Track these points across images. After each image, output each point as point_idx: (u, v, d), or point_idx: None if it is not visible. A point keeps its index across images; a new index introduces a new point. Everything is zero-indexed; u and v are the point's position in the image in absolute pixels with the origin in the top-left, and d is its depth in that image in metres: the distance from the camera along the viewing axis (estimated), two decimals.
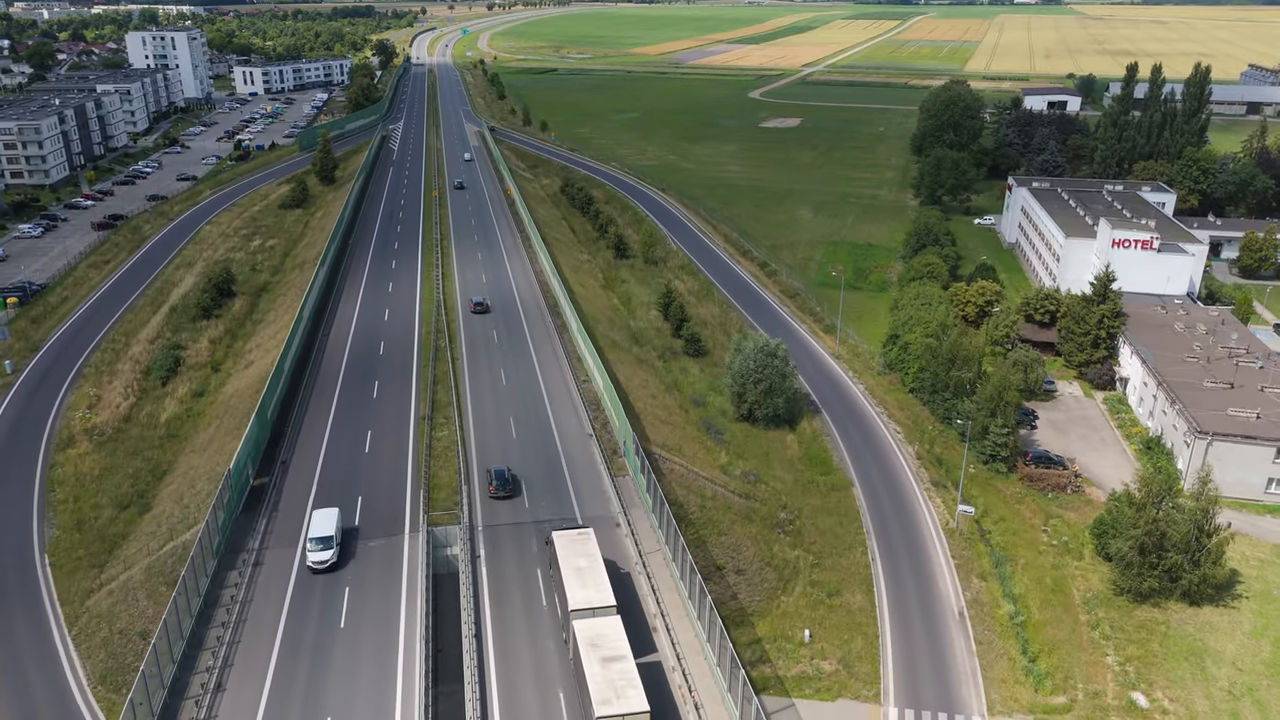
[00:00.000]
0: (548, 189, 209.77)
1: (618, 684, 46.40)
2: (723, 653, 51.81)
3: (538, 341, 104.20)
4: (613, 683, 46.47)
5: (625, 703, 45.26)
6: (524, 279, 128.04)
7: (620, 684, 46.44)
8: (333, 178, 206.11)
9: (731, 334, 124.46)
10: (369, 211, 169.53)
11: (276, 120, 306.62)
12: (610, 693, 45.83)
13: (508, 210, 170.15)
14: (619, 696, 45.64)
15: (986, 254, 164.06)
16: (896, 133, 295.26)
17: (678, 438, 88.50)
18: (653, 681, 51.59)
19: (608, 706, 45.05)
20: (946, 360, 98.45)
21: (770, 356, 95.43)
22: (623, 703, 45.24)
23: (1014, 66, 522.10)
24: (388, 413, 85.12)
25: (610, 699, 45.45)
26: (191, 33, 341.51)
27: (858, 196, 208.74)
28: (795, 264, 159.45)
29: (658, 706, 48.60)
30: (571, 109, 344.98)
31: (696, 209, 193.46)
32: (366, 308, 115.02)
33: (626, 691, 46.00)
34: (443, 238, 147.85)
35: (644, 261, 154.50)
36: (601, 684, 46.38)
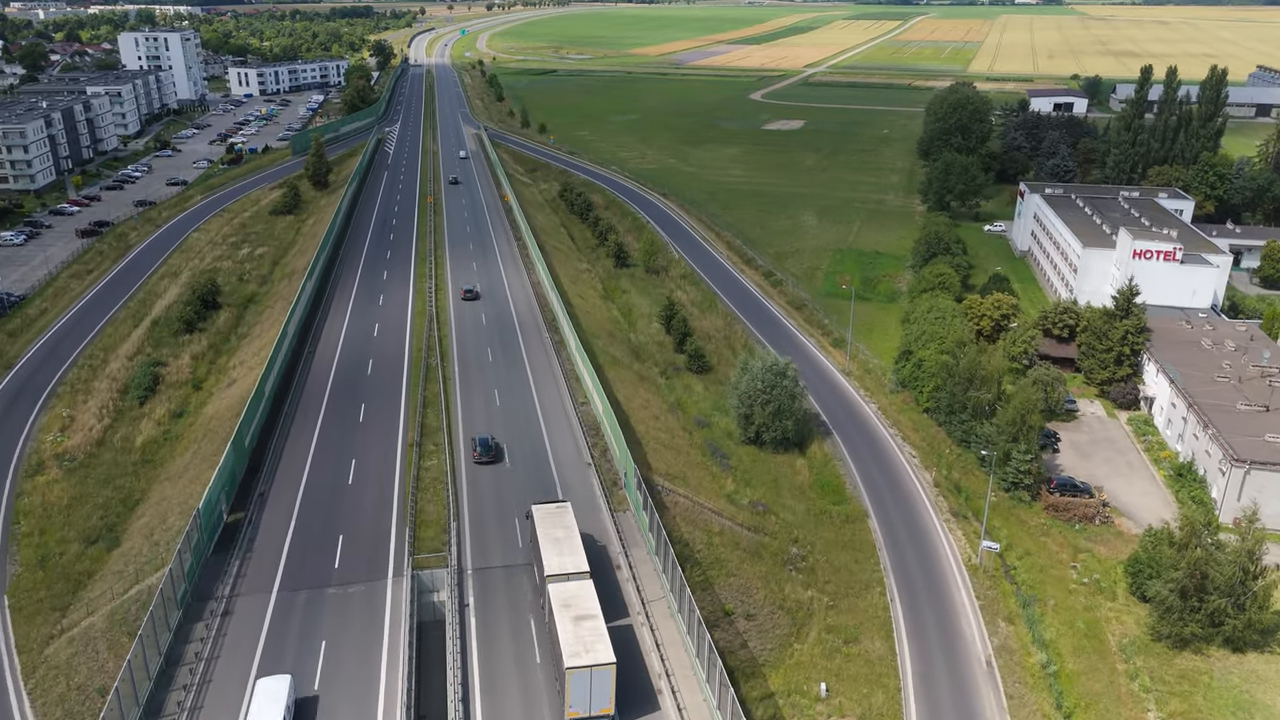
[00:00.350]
0: (546, 194, 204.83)
1: (587, 639, 50.06)
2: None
3: (534, 359, 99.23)
4: (583, 638, 50.10)
5: (593, 655, 48.90)
6: (521, 291, 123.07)
7: (590, 639, 50.06)
8: (326, 182, 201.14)
9: (736, 348, 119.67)
10: (361, 219, 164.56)
11: (271, 122, 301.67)
12: (580, 647, 49.48)
13: (504, 217, 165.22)
14: (588, 650, 49.22)
15: (998, 262, 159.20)
16: (901, 135, 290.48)
17: (681, 464, 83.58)
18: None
19: (577, 659, 48.75)
20: (964, 380, 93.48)
21: (779, 377, 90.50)
22: (591, 655, 48.89)
23: (1017, 67, 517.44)
24: (374, 439, 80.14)
25: (580, 652, 49.09)
26: (185, 33, 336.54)
27: (863, 201, 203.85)
28: (801, 273, 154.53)
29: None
30: (571, 111, 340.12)
31: (698, 215, 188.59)
32: (355, 322, 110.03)
33: (595, 645, 49.64)
34: (436, 247, 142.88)
35: (645, 270, 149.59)
36: (572, 639, 50.02)
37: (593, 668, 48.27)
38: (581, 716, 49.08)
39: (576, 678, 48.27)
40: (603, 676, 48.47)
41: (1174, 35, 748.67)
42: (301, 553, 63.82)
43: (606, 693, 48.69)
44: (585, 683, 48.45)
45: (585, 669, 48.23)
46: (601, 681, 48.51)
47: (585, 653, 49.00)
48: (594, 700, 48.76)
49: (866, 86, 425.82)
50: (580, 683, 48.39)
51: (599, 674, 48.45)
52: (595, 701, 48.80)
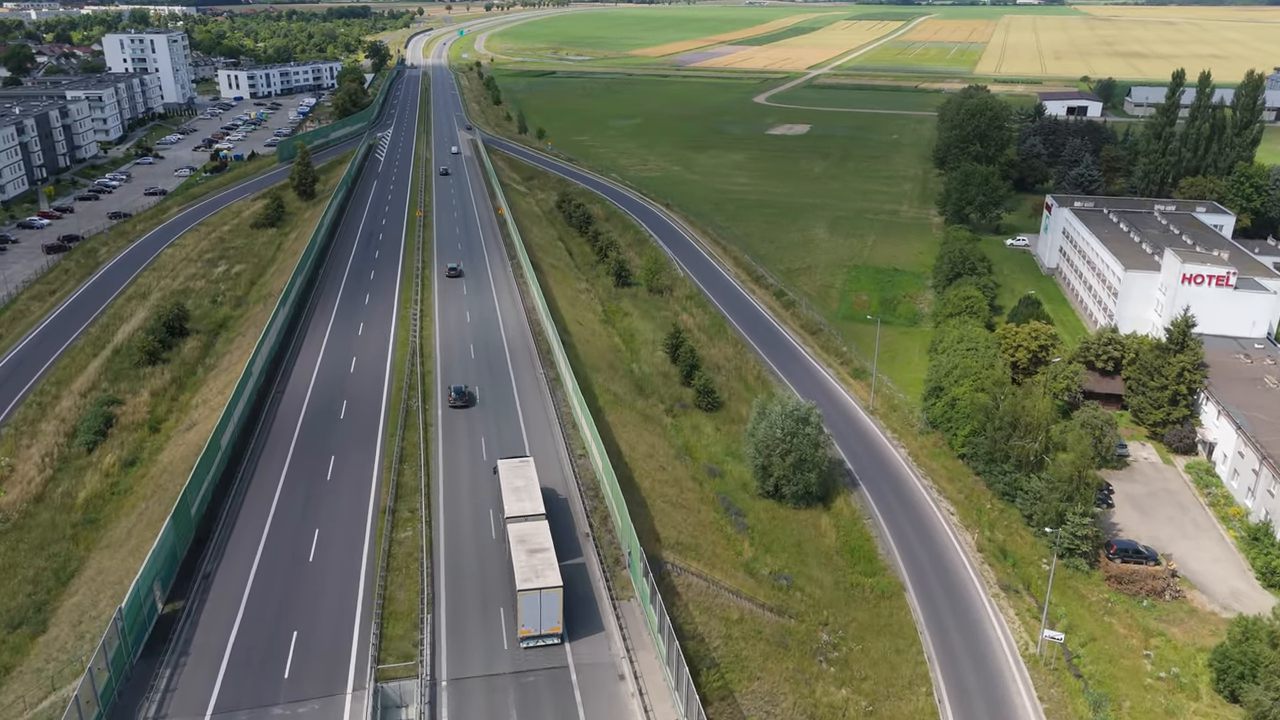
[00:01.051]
0: (543, 204, 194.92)
1: (538, 567, 55.34)
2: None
3: (527, 401, 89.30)
4: (535, 567, 55.39)
5: (543, 580, 54.21)
6: (514, 317, 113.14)
7: (541, 568, 55.34)
8: (312, 192, 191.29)
9: (748, 380, 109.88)
10: (346, 234, 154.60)
11: (259, 127, 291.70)
12: (531, 573, 54.81)
13: (498, 232, 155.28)
14: (538, 576, 54.57)
15: (1023, 280, 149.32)
16: (911, 140, 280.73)
17: (692, 526, 73.74)
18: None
19: (528, 583, 53.91)
20: (1006, 425, 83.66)
21: (800, 424, 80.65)
22: (541, 580, 54.20)
23: (1025, 69, 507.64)
24: (342, 502, 70.25)
25: (531, 578, 54.38)
26: (172, 35, 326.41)
27: (876, 212, 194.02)
28: (814, 292, 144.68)
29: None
30: (570, 114, 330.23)
31: (703, 227, 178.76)
32: (332, 355, 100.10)
33: (545, 573, 54.87)
34: (424, 266, 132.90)
35: (648, 290, 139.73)
36: (525, 567, 55.33)
37: (542, 590, 53.48)
38: (533, 634, 54.29)
39: (527, 599, 53.52)
40: (551, 599, 53.61)
41: (1180, 36, 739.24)
42: (246, 657, 53.92)
43: (554, 614, 53.90)
44: (535, 604, 53.59)
45: (535, 591, 53.39)
46: (550, 603, 53.68)
47: (536, 578, 54.29)
48: (544, 620, 54.00)
49: (872, 89, 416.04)
50: (531, 604, 53.58)
51: (547, 596, 53.63)
52: (545, 621, 54.02)
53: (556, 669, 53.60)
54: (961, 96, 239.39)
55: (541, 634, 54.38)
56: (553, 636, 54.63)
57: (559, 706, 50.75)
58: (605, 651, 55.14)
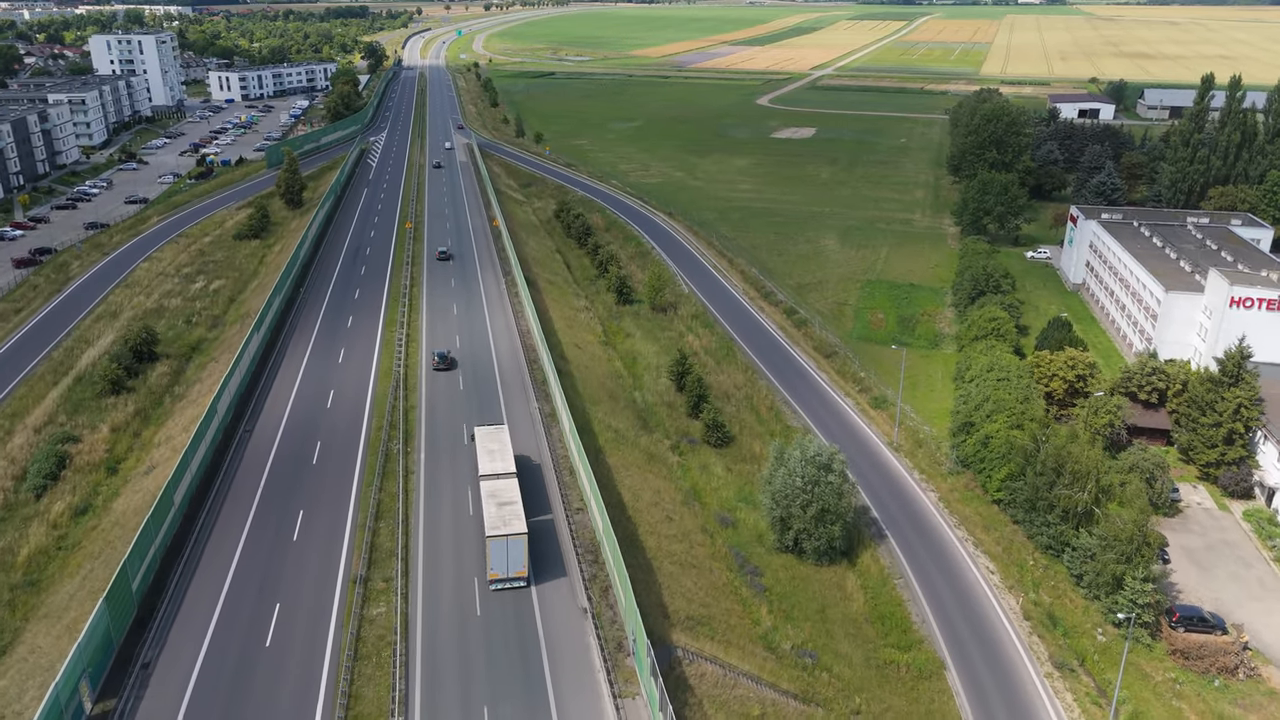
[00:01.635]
0: (540, 214, 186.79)
1: (506, 518, 59.76)
2: None
3: (520, 440, 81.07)
4: (503, 517, 59.90)
5: (509, 528, 58.66)
6: (507, 342, 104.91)
7: (508, 518, 59.75)
8: (300, 200, 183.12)
9: (760, 411, 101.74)
10: (332, 247, 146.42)
11: (250, 130, 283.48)
12: (500, 522, 59.28)
13: (493, 244, 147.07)
14: (506, 525, 59.02)
15: (1047, 296, 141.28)
16: (920, 144, 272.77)
17: (704, 591, 65.64)
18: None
19: (496, 530, 58.48)
20: (1049, 471, 75.57)
21: (823, 471, 72.55)
22: (508, 528, 58.64)
23: (1031, 69, 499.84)
24: (308, 570, 62.10)
25: (499, 526, 58.86)
26: (160, 35, 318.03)
27: (888, 222, 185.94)
28: (827, 310, 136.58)
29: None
30: (569, 117, 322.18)
31: (708, 238, 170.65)
32: (308, 387, 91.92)
33: (512, 522, 59.29)
34: (413, 284, 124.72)
35: (651, 308, 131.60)
36: (494, 517, 59.90)
37: (509, 536, 58.47)
38: (500, 577, 59.31)
39: (495, 545, 58.48)
40: (517, 544, 58.56)
41: (1186, 36, 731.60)
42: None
43: (520, 558, 58.84)
44: (503, 549, 58.56)
45: (502, 537, 58.39)
46: (516, 549, 58.57)
47: (504, 526, 59.04)
48: (510, 564, 58.92)
49: (877, 90, 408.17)
50: (498, 549, 58.54)
51: (514, 542, 58.55)
52: (511, 565, 58.97)
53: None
54: (975, 100, 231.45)
55: (509, 577, 59.60)
56: (519, 580, 59.86)
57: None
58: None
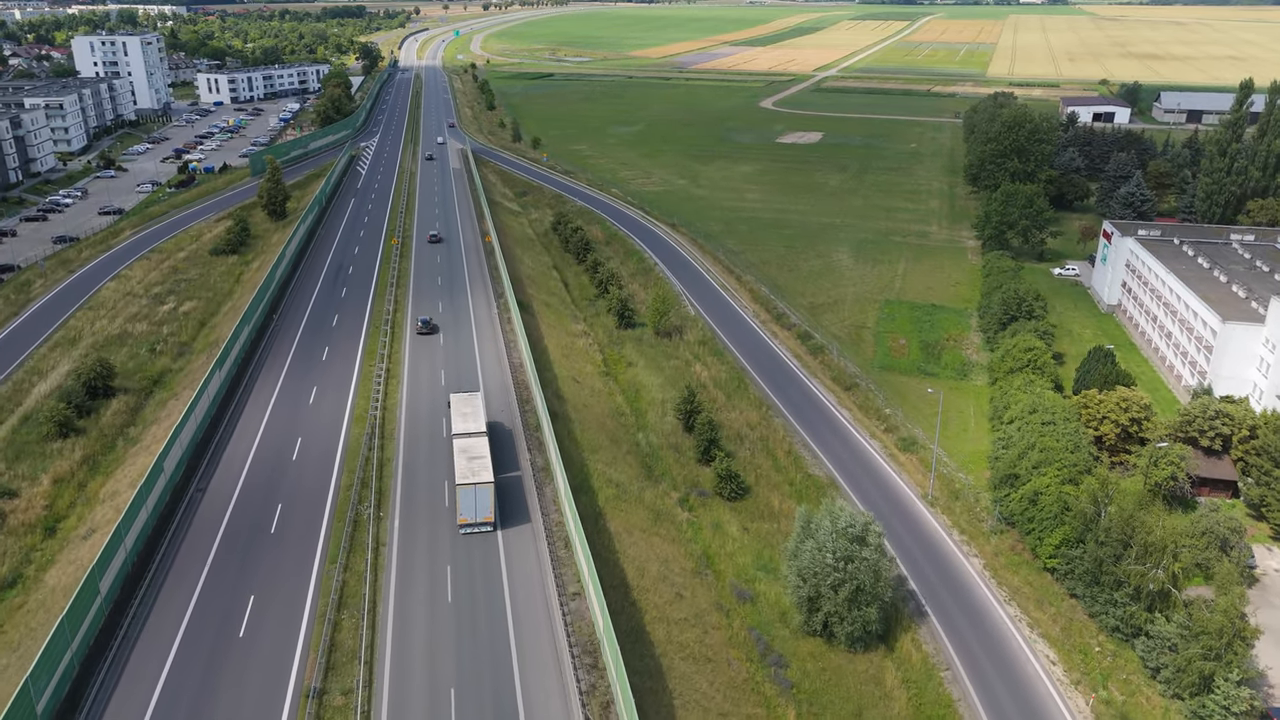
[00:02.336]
0: (537, 226, 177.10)
1: (475, 469, 66.11)
2: None
3: (509, 504, 71.38)
4: (472, 468, 66.24)
5: (477, 477, 64.96)
6: (497, 379, 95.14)
7: (477, 469, 66.10)
8: (283, 211, 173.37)
9: (777, 454, 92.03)
10: (312, 265, 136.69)
11: (237, 135, 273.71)
12: (469, 473, 65.58)
13: (485, 263, 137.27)
14: (474, 475, 65.27)
15: (1080, 319, 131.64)
16: (931, 149, 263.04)
17: (721, 692, 56.02)
18: None
19: (464, 479, 64.90)
20: (1115, 543, 65.91)
21: (857, 544, 62.90)
22: (475, 477, 64.95)
23: (1038, 71, 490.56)
24: (252, 682, 52.26)
25: (468, 475, 65.25)
26: (146, 36, 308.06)
27: (903, 234, 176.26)
28: (844, 334, 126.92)
29: None
30: (567, 121, 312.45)
31: (714, 252, 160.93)
32: (274, 434, 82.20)
33: (480, 473, 65.60)
34: (396, 308, 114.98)
35: (655, 333, 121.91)
36: (464, 469, 66.26)
37: (476, 485, 64.06)
38: (469, 521, 64.54)
39: (464, 492, 64.15)
40: (484, 493, 64.06)
41: (1193, 37, 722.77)
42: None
43: (487, 505, 64.32)
44: (471, 497, 64.05)
45: (470, 485, 63.98)
46: (483, 496, 64.12)
47: (472, 476, 64.50)
48: (478, 509, 64.44)
49: (883, 93, 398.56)
50: (467, 496, 64.07)
51: (481, 490, 64.15)
52: (479, 511, 64.45)
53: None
54: (992, 106, 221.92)
55: (476, 521, 65.20)
56: (486, 525, 65.48)
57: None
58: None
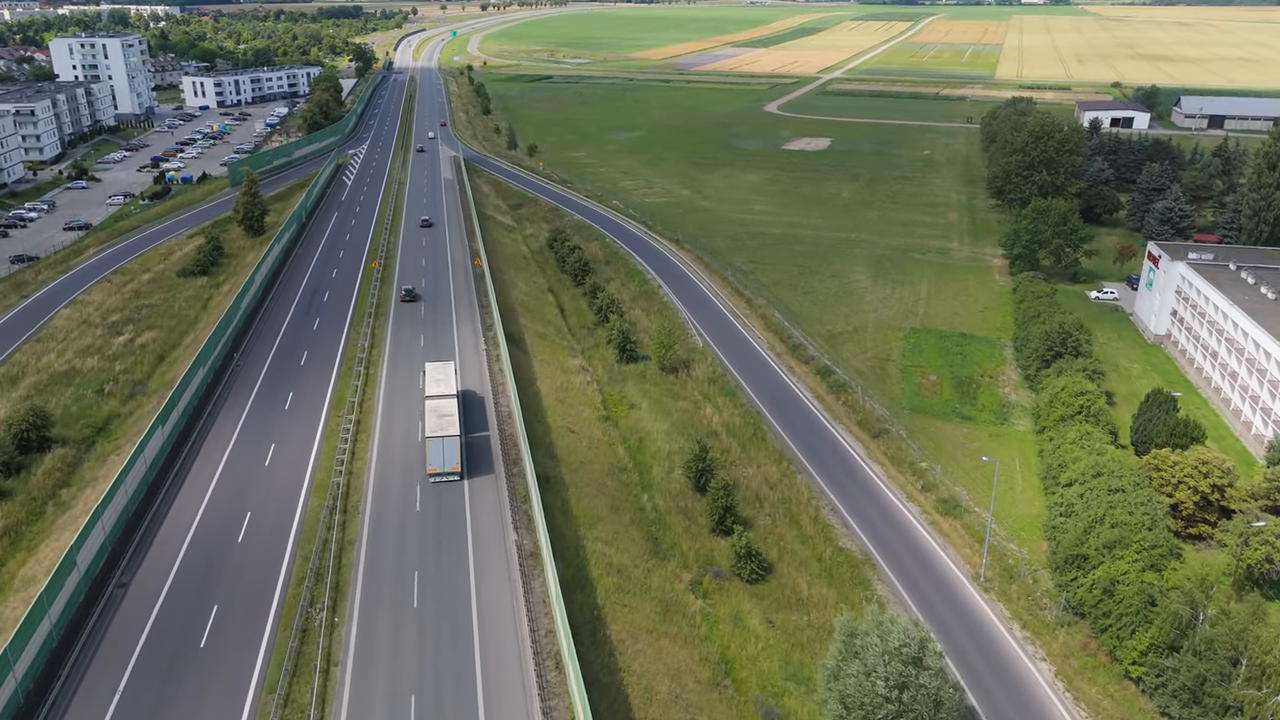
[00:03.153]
0: (532, 242, 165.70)
1: (443, 424, 73.88)
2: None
3: (489, 599, 59.93)
4: (440, 424, 73.92)
5: (445, 431, 72.94)
6: (482, 430, 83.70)
7: (445, 425, 73.86)
8: (261, 227, 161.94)
9: (801, 521, 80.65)
10: (285, 289, 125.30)
11: (220, 141, 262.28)
12: (438, 428, 73.32)
13: (474, 288, 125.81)
14: (442, 430, 73.10)
15: (1124, 350, 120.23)
16: (945, 157, 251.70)
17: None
18: None
19: (434, 433, 72.93)
20: (1223, 659, 54.50)
21: (912, 666, 51.47)
22: (443, 431, 72.93)
23: (1047, 72, 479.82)
24: None
25: (437, 430, 73.11)
26: (127, 38, 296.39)
27: (923, 250, 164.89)
28: (867, 367, 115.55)
29: None
30: (566, 126, 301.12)
31: (722, 272, 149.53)
32: (219, 507, 70.63)
33: (448, 428, 73.44)
34: (373, 345, 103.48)
35: (660, 368, 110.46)
36: (433, 425, 74.06)
37: (444, 438, 72.65)
38: (438, 471, 73.39)
39: (433, 444, 72.83)
40: (451, 444, 72.90)
41: (1201, 38, 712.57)
42: None
43: (454, 457, 73.30)
44: (439, 449, 72.82)
45: (439, 438, 72.59)
46: (450, 448, 72.99)
47: (441, 430, 73.09)
48: (446, 460, 73.31)
49: (891, 96, 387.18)
50: (435, 448, 72.82)
51: (448, 443, 72.82)
52: (447, 461, 73.35)
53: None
54: (1014, 113, 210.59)
55: (444, 471, 72.99)
56: (453, 474, 73.36)
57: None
58: None
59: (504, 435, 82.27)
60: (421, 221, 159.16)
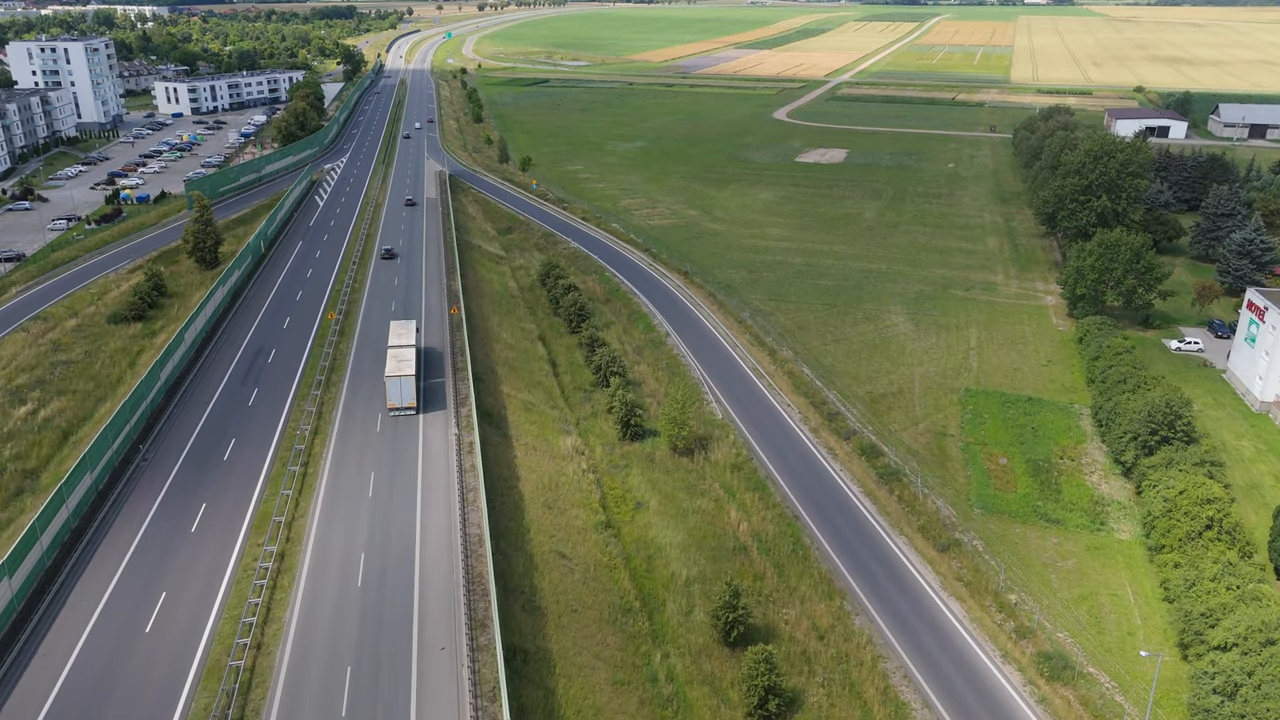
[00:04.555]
0: (522, 276, 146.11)
1: (401, 366, 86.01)
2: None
3: None
4: (399, 366, 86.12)
5: (401, 371, 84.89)
6: (443, 565, 63.90)
7: (403, 366, 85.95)
8: (214, 258, 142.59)
9: (865, 694, 60.84)
10: (224, 346, 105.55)
11: (189, 153, 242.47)
12: (395, 369, 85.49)
13: (448, 342, 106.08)
14: (399, 371, 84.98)
15: (1226, 423, 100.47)
16: (972, 170, 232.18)
17: None
18: None
19: (392, 373, 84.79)
20: None
21: None
22: (400, 371, 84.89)
23: (1065, 75, 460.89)
24: None
25: (394, 370, 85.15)
26: (92, 42, 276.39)
27: (964, 284, 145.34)
28: (920, 444, 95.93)
29: None
30: (562, 135, 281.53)
31: (739, 314, 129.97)
32: (70, 699, 51.02)
33: (405, 369, 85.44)
34: (317, 431, 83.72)
35: (672, 449, 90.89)
36: (393, 366, 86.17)
37: (401, 377, 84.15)
38: (397, 406, 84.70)
39: (391, 383, 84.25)
40: (408, 383, 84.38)
41: (1216, 39, 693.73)
42: None
43: (410, 393, 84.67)
44: (397, 386, 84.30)
45: (397, 377, 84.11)
46: (407, 386, 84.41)
47: (398, 371, 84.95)
48: (403, 397, 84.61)
49: (905, 101, 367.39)
50: (394, 386, 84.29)
51: (405, 381, 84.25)
52: (403, 398, 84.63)
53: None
54: (1058, 126, 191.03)
55: (401, 406, 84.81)
56: (409, 409, 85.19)
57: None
58: None
59: (470, 579, 62.50)
60: (384, 252, 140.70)
